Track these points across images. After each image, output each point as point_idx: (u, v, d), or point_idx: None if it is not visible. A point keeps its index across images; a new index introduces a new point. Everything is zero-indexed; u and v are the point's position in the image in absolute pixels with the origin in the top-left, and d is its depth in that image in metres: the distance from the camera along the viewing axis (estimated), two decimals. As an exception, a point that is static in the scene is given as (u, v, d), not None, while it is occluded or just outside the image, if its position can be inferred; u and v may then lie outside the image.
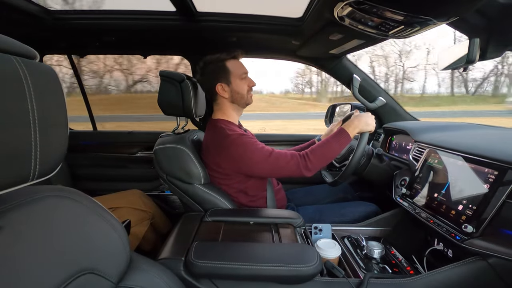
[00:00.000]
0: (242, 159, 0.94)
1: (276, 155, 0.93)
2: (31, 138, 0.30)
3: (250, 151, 0.93)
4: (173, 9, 1.09)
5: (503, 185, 0.65)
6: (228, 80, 1.03)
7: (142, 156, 1.73)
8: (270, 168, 0.93)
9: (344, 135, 0.96)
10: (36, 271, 0.31)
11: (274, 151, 0.94)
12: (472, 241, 0.65)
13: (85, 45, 1.52)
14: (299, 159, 0.92)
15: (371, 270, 0.77)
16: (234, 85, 1.03)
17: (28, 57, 0.31)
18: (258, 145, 0.95)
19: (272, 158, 0.93)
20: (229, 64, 1.03)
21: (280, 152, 0.95)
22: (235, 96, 1.05)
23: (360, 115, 1.02)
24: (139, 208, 1.39)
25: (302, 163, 0.92)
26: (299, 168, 0.92)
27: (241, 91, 1.04)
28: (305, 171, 0.92)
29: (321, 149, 0.95)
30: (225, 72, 1.02)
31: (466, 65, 0.82)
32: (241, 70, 1.04)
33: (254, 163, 0.93)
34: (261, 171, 0.96)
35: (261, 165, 0.93)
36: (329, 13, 0.84)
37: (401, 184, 1.01)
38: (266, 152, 0.93)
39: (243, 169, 0.97)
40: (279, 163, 0.92)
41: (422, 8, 0.71)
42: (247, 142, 0.94)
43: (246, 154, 0.93)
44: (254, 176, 1.00)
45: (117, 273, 0.41)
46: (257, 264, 0.64)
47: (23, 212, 0.33)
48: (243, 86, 1.05)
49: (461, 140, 0.88)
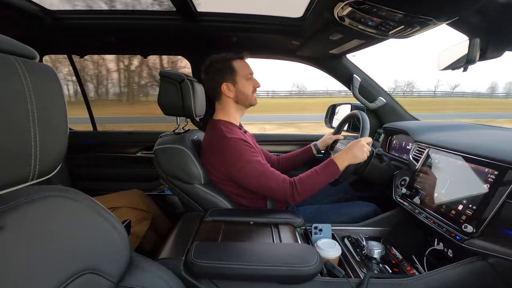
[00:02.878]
0: (234, 165, 0.93)
1: (269, 175, 0.92)
2: (31, 138, 0.30)
3: (244, 161, 0.92)
4: (173, 9, 1.09)
5: (503, 185, 0.65)
6: (234, 80, 1.03)
7: (142, 156, 1.73)
8: (258, 185, 0.92)
9: (332, 168, 0.95)
10: (36, 271, 0.31)
11: (268, 170, 0.93)
12: (472, 241, 0.65)
13: (85, 45, 1.53)
14: (288, 187, 0.91)
15: (371, 270, 0.77)
16: (239, 85, 1.03)
17: (28, 57, 0.31)
18: (254, 157, 0.94)
19: (264, 178, 0.92)
20: (236, 64, 1.03)
21: (273, 172, 0.93)
22: (240, 96, 1.05)
23: (350, 146, 0.97)
24: (139, 208, 1.39)
25: (289, 192, 0.91)
26: (286, 195, 0.91)
27: (246, 91, 1.04)
28: (290, 199, 0.91)
29: (309, 180, 0.93)
30: (231, 72, 1.02)
31: (466, 65, 0.82)
32: (247, 70, 1.04)
33: (244, 174, 0.93)
34: (248, 185, 0.95)
35: (250, 179, 0.93)
36: (329, 13, 0.84)
37: (401, 184, 1.01)
38: (260, 168, 0.92)
39: (232, 175, 0.96)
40: (269, 184, 0.91)
41: (422, 8, 0.71)
42: (244, 149, 0.94)
43: (239, 163, 0.92)
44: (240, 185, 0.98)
45: (117, 273, 0.41)
46: (257, 264, 0.64)
47: (23, 212, 0.33)
48: (249, 86, 1.05)
49: (461, 140, 0.88)
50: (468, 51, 0.79)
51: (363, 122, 1.03)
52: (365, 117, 1.05)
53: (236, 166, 0.93)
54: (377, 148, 1.09)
